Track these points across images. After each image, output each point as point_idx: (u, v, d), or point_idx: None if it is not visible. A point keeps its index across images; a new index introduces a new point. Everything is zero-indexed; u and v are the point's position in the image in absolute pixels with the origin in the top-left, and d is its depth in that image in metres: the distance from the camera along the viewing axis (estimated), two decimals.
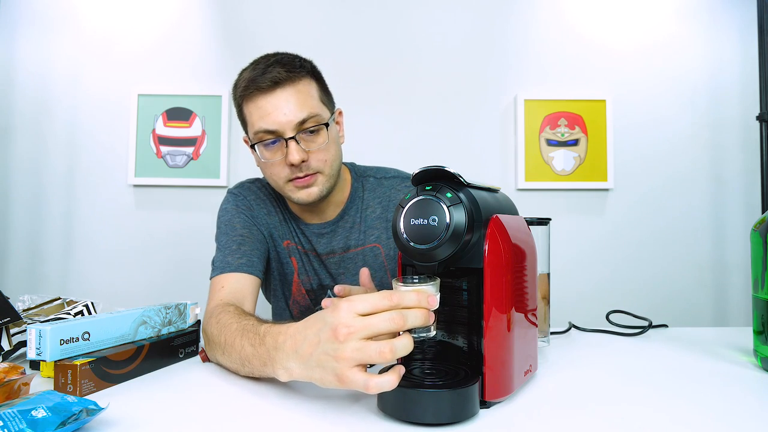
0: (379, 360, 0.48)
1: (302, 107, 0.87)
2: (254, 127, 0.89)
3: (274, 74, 0.86)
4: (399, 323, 0.48)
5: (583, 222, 1.89)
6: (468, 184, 0.54)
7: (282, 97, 0.87)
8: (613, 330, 0.97)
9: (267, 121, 0.87)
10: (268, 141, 0.88)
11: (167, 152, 1.84)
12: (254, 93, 0.88)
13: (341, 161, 0.98)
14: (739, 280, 1.88)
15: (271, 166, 0.91)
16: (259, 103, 0.87)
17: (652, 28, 1.91)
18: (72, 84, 1.86)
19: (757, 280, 0.70)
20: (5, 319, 0.70)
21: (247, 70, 0.92)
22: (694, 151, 1.90)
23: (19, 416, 0.41)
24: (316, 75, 0.94)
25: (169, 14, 1.88)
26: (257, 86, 0.87)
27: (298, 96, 0.87)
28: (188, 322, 0.79)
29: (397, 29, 1.89)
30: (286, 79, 0.87)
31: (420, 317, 0.49)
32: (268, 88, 0.86)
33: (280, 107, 0.86)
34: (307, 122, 0.87)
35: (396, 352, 0.48)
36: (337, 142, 0.96)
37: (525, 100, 1.87)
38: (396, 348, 0.48)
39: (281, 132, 0.87)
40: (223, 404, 0.56)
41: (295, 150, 0.86)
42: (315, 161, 0.90)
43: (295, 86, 0.88)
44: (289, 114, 0.86)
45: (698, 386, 0.62)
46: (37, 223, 1.84)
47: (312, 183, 0.91)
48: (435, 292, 0.52)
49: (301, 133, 0.87)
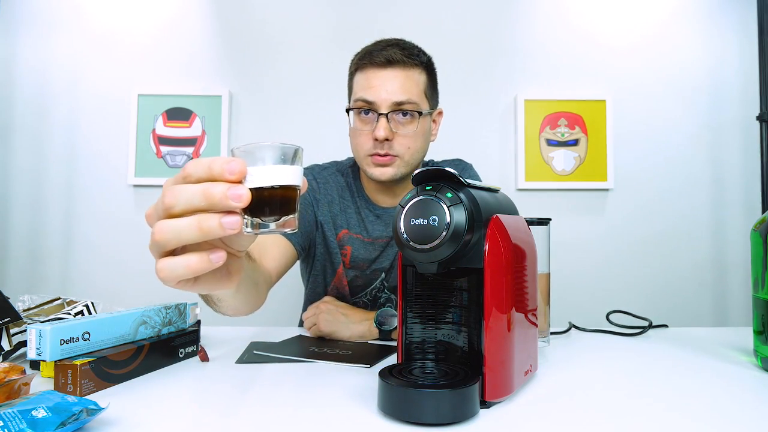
0: (152, 247, 0.40)
1: (404, 91, 0.92)
2: (356, 95, 0.95)
3: (390, 53, 0.92)
4: (162, 203, 0.39)
5: (583, 222, 1.89)
6: (468, 184, 0.54)
7: (390, 75, 0.92)
8: (613, 330, 0.97)
9: (369, 93, 0.92)
10: (363, 110, 0.94)
11: (167, 152, 1.84)
12: (367, 65, 0.93)
13: (423, 156, 1.02)
14: (739, 280, 1.88)
15: (359, 135, 0.96)
16: (368, 75, 0.93)
17: (652, 28, 1.91)
18: (72, 84, 1.86)
19: (757, 280, 0.70)
20: (5, 319, 0.70)
21: (369, 45, 0.97)
22: (694, 151, 1.90)
23: (19, 416, 0.41)
24: (430, 69, 0.98)
25: (169, 14, 1.88)
26: (371, 59, 0.93)
27: (405, 80, 0.92)
28: (188, 322, 0.79)
29: (397, 29, 1.88)
30: (399, 61, 0.92)
31: (193, 194, 0.38)
32: (381, 64, 0.92)
33: (385, 84, 0.91)
34: (404, 105, 0.92)
35: (154, 233, 0.39)
36: (427, 137, 1.00)
37: (525, 100, 1.87)
38: (154, 229, 0.39)
39: (377, 106, 0.92)
40: (222, 404, 0.56)
41: (383, 126, 0.91)
42: (398, 145, 0.94)
43: (406, 71, 0.93)
44: (390, 92, 0.91)
45: (698, 386, 0.62)
46: (37, 223, 1.84)
47: (389, 164, 0.95)
48: (258, 162, 0.39)
49: (394, 113, 0.92)
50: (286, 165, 0.40)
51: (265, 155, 0.39)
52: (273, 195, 0.40)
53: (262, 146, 0.39)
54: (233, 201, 0.37)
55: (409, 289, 0.62)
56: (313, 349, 0.81)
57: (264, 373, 0.68)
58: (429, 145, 1.03)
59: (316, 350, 0.81)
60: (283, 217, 0.40)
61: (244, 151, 0.40)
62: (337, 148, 1.39)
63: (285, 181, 0.40)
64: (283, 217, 0.41)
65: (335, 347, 0.83)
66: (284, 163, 0.40)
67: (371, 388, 0.59)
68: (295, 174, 0.40)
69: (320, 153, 1.37)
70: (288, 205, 0.41)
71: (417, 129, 0.94)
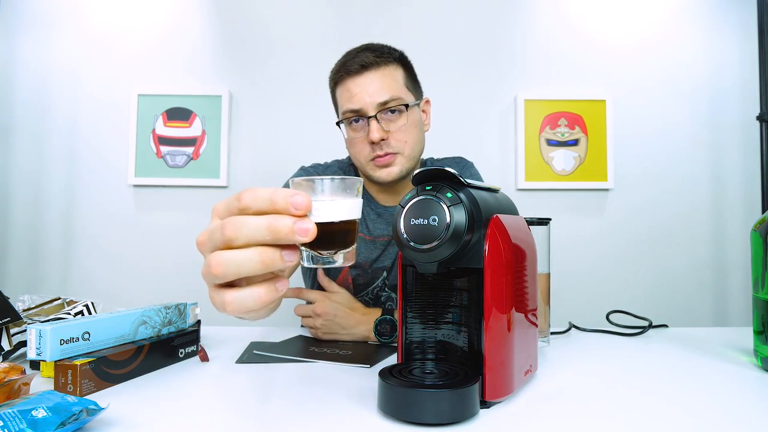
0: (207, 276, 0.39)
1: (386, 89, 0.93)
2: (342, 107, 0.96)
3: (362, 58, 0.93)
4: (222, 235, 0.38)
5: (583, 222, 1.89)
6: (468, 184, 0.54)
7: (368, 78, 0.93)
8: (613, 330, 0.97)
9: (353, 101, 0.93)
10: (353, 119, 0.95)
11: (167, 152, 1.84)
12: (344, 76, 0.95)
13: (423, 146, 1.03)
14: (739, 280, 1.88)
15: (355, 144, 0.97)
16: (347, 85, 0.95)
17: (653, 28, 1.92)
18: (72, 84, 1.86)
19: (757, 280, 0.70)
20: (5, 319, 0.70)
21: (341, 58, 0.98)
22: (694, 151, 1.90)
23: (19, 416, 0.41)
24: (404, 63, 1.00)
25: (169, 14, 1.88)
26: (347, 70, 0.94)
27: (384, 79, 0.94)
28: (188, 322, 0.79)
29: (397, 29, 1.89)
30: (373, 63, 0.93)
31: (257, 228, 0.37)
32: (357, 71, 0.93)
33: (366, 88, 0.93)
34: (389, 103, 0.93)
35: (212, 265, 0.38)
36: (420, 127, 1.01)
37: (525, 100, 1.87)
38: (211, 261, 0.38)
39: (364, 111, 0.93)
40: (222, 404, 0.56)
41: (375, 128, 0.92)
42: (395, 141, 0.95)
43: (382, 70, 0.94)
44: (373, 94, 0.92)
45: (698, 386, 0.62)
46: (37, 223, 1.84)
47: (392, 162, 0.96)
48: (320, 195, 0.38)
49: (382, 113, 0.93)
50: (349, 199, 0.40)
51: (326, 188, 0.39)
52: (336, 229, 0.39)
53: (324, 180, 0.39)
54: (300, 236, 0.37)
55: (409, 289, 0.62)
56: (313, 349, 0.81)
57: (264, 373, 0.68)
58: (424, 135, 1.04)
59: (316, 350, 0.81)
60: (341, 250, 0.40)
61: (306, 183, 0.39)
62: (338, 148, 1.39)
63: (348, 216, 0.39)
64: (342, 250, 0.40)
65: (335, 347, 0.83)
66: (346, 197, 0.40)
67: (371, 388, 0.59)
68: (357, 208, 0.41)
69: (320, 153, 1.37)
70: (348, 238, 0.40)
71: (408, 122, 0.95)
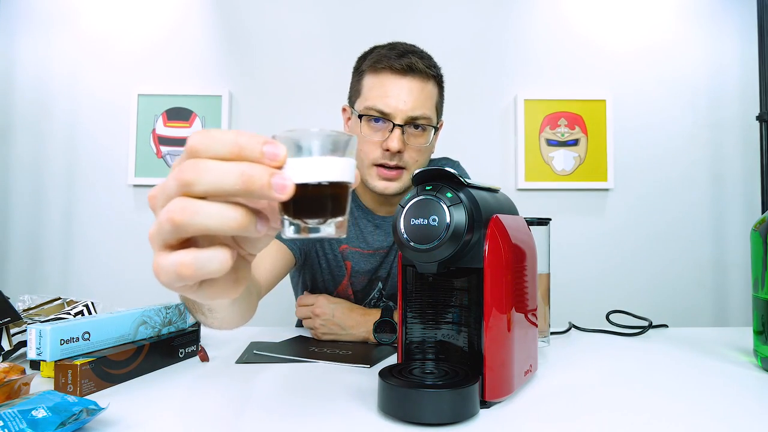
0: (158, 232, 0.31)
1: (421, 104, 0.88)
2: (367, 102, 0.89)
3: (411, 61, 0.87)
4: (177, 179, 0.30)
5: (583, 222, 1.89)
6: (468, 184, 0.54)
7: (409, 85, 0.88)
8: (613, 330, 0.97)
9: (385, 102, 0.87)
10: (376, 118, 0.89)
11: (167, 152, 1.84)
12: (385, 69, 0.88)
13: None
14: (739, 280, 1.88)
15: (367, 144, 0.90)
16: (384, 81, 0.88)
17: (652, 29, 1.92)
18: (72, 84, 1.86)
19: (757, 280, 0.70)
20: (5, 319, 0.70)
21: (383, 48, 0.92)
22: (694, 151, 1.90)
23: (19, 416, 0.41)
24: (441, 83, 0.95)
25: (169, 14, 1.88)
26: (391, 65, 0.87)
27: (423, 92, 0.89)
28: (188, 322, 0.79)
29: (398, 29, 1.89)
30: (420, 71, 0.88)
31: (225, 172, 0.30)
32: (401, 71, 0.87)
33: (403, 94, 0.87)
34: (419, 120, 0.88)
35: (172, 210, 0.30)
36: (431, 150, 0.98)
37: (525, 100, 1.87)
38: (171, 206, 0.30)
39: (393, 116, 0.87)
40: (222, 404, 0.56)
41: (397, 138, 0.87)
42: (408, 157, 0.91)
43: (424, 83, 0.89)
44: (408, 103, 0.87)
45: (698, 386, 0.62)
46: (37, 224, 1.84)
47: (396, 178, 0.92)
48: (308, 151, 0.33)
49: (409, 126, 0.88)
50: (336, 157, 0.33)
51: (312, 145, 0.33)
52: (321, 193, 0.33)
53: (309, 133, 0.33)
54: (278, 192, 0.30)
55: (409, 289, 0.62)
56: (313, 349, 0.81)
57: (264, 373, 0.68)
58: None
59: (316, 350, 0.81)
60: (330, 218, 0.34)
61: (287, 138, 0.33)
62: None
63: (335, 177, 0.33)
64: (332, 218, 0.34)
65: (335, 347, 0.83)
66: (334, 155, 0.33)
67: (371, 388, 0.59)
68: (347, 168, 0.34)
69: None
70: (338, 205, 0.34)
71: (426, 143, 0.91)
